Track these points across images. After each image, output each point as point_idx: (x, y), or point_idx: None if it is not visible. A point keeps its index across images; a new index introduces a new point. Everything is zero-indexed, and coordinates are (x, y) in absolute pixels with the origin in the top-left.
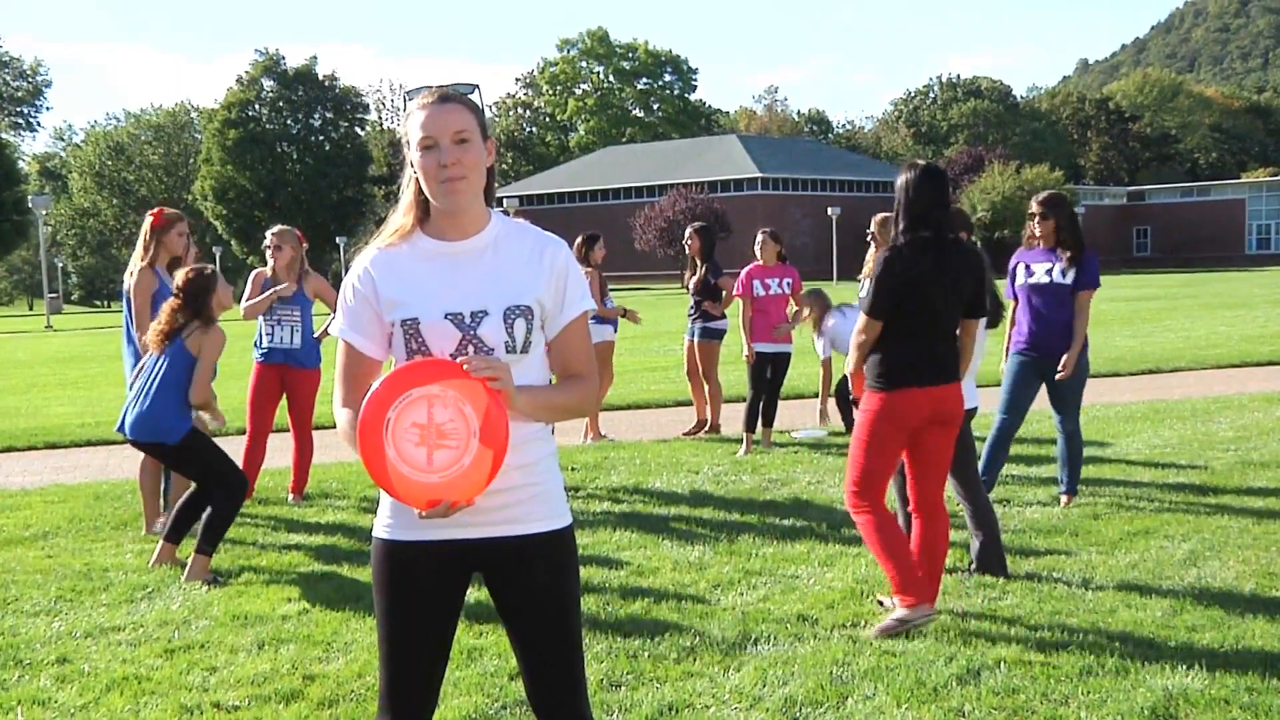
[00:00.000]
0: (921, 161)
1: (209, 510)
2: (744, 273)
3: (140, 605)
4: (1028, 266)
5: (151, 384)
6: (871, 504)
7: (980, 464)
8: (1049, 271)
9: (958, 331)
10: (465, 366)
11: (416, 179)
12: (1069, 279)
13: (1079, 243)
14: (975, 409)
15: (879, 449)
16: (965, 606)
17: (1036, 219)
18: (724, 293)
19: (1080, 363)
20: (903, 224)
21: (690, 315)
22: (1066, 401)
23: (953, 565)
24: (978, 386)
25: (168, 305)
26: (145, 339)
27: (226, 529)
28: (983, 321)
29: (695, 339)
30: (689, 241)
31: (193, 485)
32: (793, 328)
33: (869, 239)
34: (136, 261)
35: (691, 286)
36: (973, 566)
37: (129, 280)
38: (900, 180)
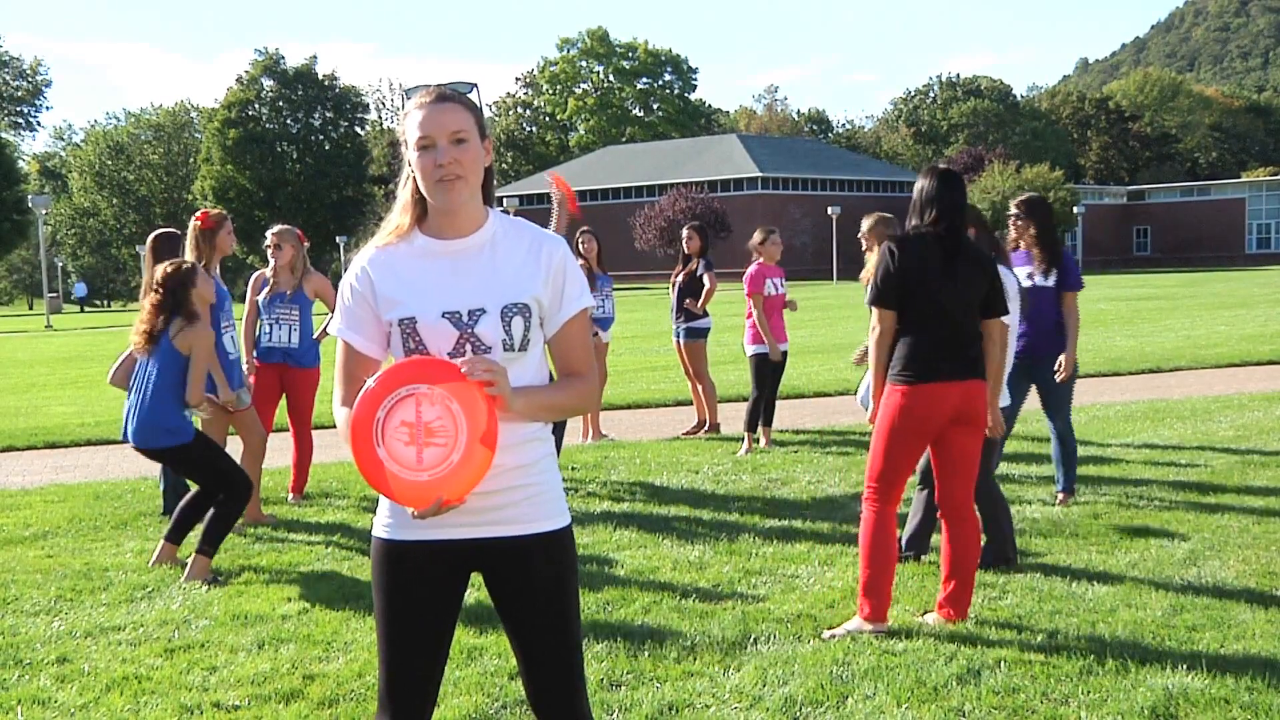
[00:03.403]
0: (940, 165)
1: (211, 512)
2: (755, 271)
3: (140, 605)
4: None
5: (146, 390)
6: (881, 502)
7: None
8: (1030, 275)
9: (980, 332)
10: (463, 369)
11: (414, 178)
12: (1050, 281)
13: (1054, 245)
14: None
15: (900, 446)
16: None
17: (1013, 220)
18: (705, 289)
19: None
20: (913, 220)
21: (673, 316)
22: (1060, 402)
23: None
24: None
25: (148, 302)
26: (130, 339)
27: (229, 530)
28: (1009, 319)
29: (680, 339)
30: (689, 240)
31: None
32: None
33: (860, 239)
34: None
35: (680, 279)
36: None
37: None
38: (917, 184)
